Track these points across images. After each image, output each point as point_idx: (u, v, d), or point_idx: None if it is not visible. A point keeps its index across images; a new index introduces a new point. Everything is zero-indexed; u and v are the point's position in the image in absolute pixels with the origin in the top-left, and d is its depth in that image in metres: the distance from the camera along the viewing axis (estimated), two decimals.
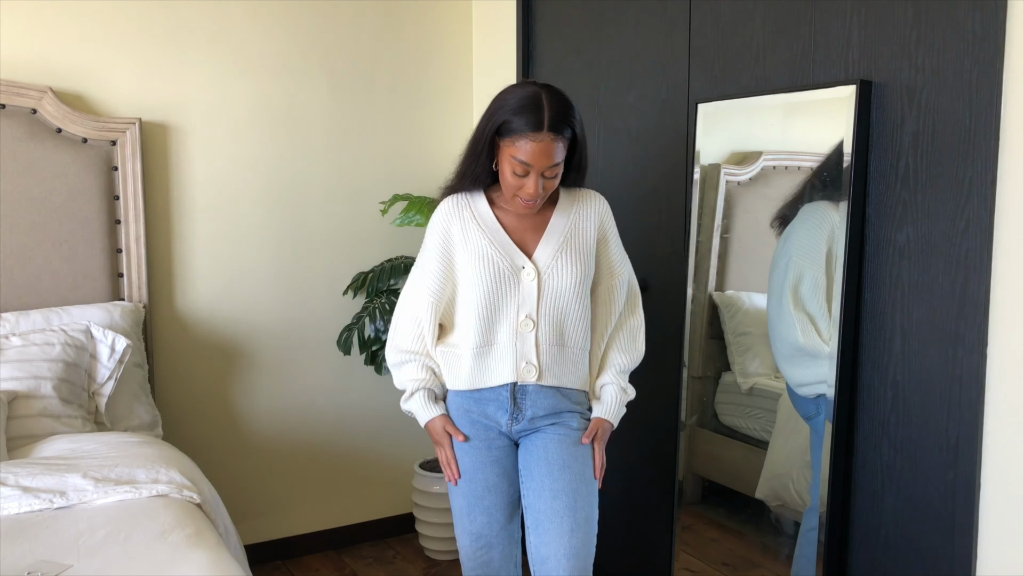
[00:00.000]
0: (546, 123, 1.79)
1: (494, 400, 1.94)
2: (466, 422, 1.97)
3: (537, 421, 1.94)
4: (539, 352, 1.91)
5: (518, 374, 1.92)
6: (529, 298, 1.91)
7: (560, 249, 1.93)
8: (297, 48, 3.05)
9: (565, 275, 1.92)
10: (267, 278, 3.07)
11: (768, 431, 2.16)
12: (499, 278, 1.90)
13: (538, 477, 1.92)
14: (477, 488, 1.96)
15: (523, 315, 1.91)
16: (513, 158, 1.83)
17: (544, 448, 1.94)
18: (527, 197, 1.86)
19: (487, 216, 1.95)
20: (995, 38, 1.65)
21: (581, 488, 1.91)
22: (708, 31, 2.30)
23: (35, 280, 2.62)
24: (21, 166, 2.59)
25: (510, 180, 1.86)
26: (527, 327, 1.91)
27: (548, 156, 1.81)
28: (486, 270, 1.90)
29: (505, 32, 3.14)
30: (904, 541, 1.88)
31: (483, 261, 1.91)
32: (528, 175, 1.83)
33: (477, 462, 1.96)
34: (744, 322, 2.23)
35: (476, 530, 1.97)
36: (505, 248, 1.92)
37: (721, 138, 2.25)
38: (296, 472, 3.17)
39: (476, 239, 1.93)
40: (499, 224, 1.95)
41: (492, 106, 1.88)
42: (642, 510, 2.62)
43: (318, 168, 3.12)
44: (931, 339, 1.80)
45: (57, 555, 1.66)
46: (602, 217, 2.00)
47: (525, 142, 1.80)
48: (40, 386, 2.34)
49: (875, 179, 1.90)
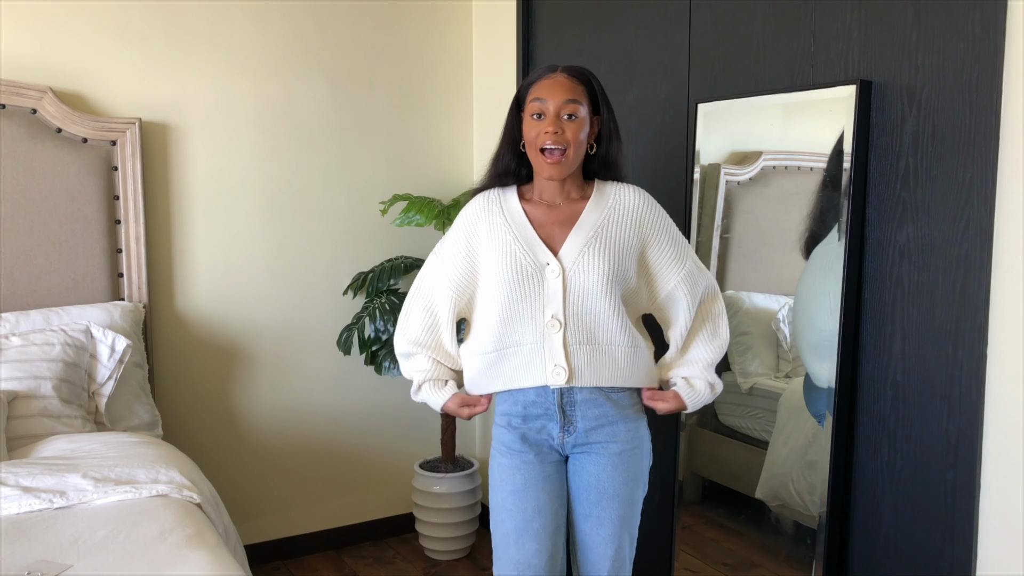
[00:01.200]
0: (560, 67, 1.82)
1: (543, 415, 1.83)
2: (518, 438, 1.85)
3: (591, 434, 1.84)
4: (568, 354, 1.79)
5: (547, 377, 1.80)
6: (555, 297, 1.80)
7: (588, 245, 1.80)
8: (297, 48, 3.05)
9: (592, 273, 1.79)
10: (267, 278, 3.07)
11: (768, 431, 2.16)
12: (522, 276, 1.80)
13: (587, 504, 1.87)
14: (528, 509, 1.82)
15: (549, 315, 1.80)
16: (531, 103, 1.80)
17: (597, 477, 1.86)
18: (546, 139, 1.76)
19: (515, 211, 1.86)
20: (995, 38, 1.65)
21: (627, 513, 1.89)
22: (708, 31, 2.30)
23: (35, 280, 2.62)
24: (21, 166, 2.59)
25: (531, 133, 1.79)
26: (553, 328, 1.79)
27: (563, 89, 1.78)
28: (509, 267, 1.81)
29: (505, 32, 3.14)
30: (904, 541, 1.88)
31: (506, 258, 1.81)
32: (544, 116, 1.78)
33: (529, 479, 1.83)
34: (744, 322, 2.23)
35: (524, 559, 1.82)
36: (530, 244, 1.82)
37: (721, 138, 2.25)
38: (296, 472, 3.17)
39: (501, 234, 1.84)
40: (526, 218, 1.84)
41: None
42: (642, 510, 2.62)
43: (318, 168, 3.12)
44: (931, 339, 1.80)
45: (57, 555, 1.65)
46: (642, 213, 1.86)
47: (538, 85, 1.80)
48: (40, 386, 2.34)
49: (875, 179, 1.90)
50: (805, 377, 2.06)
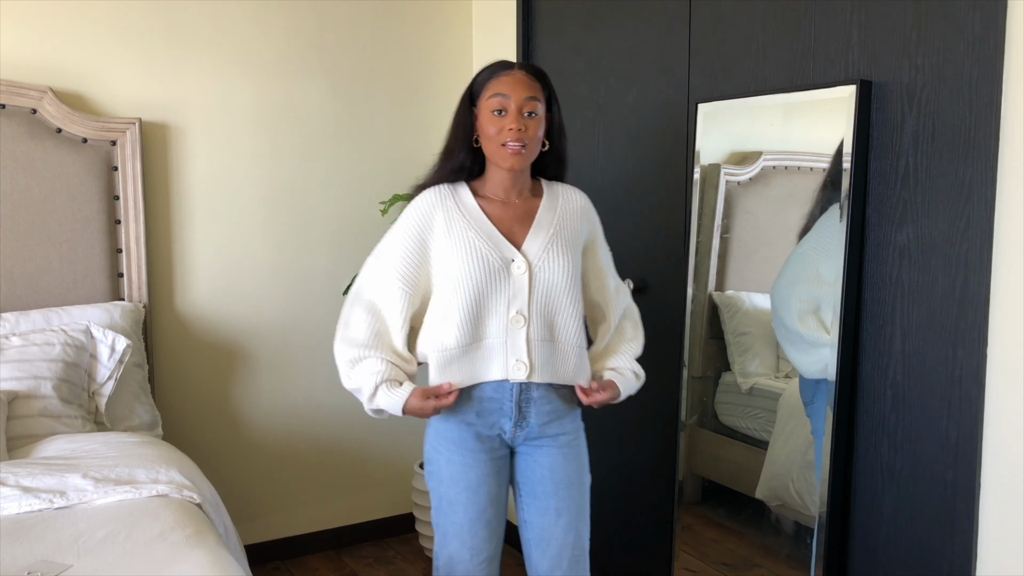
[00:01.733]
0: (516, 64, 1.86)
1: (496, 410, 1.87)
2: (470, 434, 1.87)
3: (542, 429, 1.89)
4: (530, 349, 1.83)
5: (508, 371, 1.84)
6: (520, 292, 1.83)
7: (551, 241, 1.86)
8: (297, 48, 3.05)
9: (557, 268, 1.85)
10: (267, 278, 3.06)
11: (768, 431, 2.16)
12: (488, 271, 1.81)
13: (543, 496, 1.91)
14: (481, 501, 1.88)
15: (514, 310, 1.83)
16: (490, 99, 1.82)
17: (550, 468, 1.90)
18: (510, 135, 1.79)
19: (472, 207, 1.87)
20: (995, 38, 1.65)
21: (581, 503, 1.94)
22: (708, 31, 2.30)
23: (35, 280, 2.62)
24: (21, 166, 2.59)
25: (491, 130, 1.81)
26: (518, 323, 1.83)
27: (524, 87, 1.81)
28: (475, 263, 1.81)
29: (505, 32, 3.14)
30: (904, 541, 1.88)
31: (471, 254, 1.82)
32: (506, 112, 1.80)
33: (481, 475, 1.88)
34: (744, 322, 2.23)
35: (478, 544, 1.89)
36: (493, 240, 1.84)
37: (721, 138, 2.25)
38: (296, 472, 3.17)
39: (462, 231, 1.84)
40: (485, 215, 1.86)
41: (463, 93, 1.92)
42: (642, 510, 2.62)
43: (318, 168, 3.12)
44: (931, 339, 1.80)
45: (57, 555, 1.65)
46: (589, 213, 1.97)
47: (497, 80, 1.83)
48: (40, 386, 2.34)
49: (875, 179, 1.90)
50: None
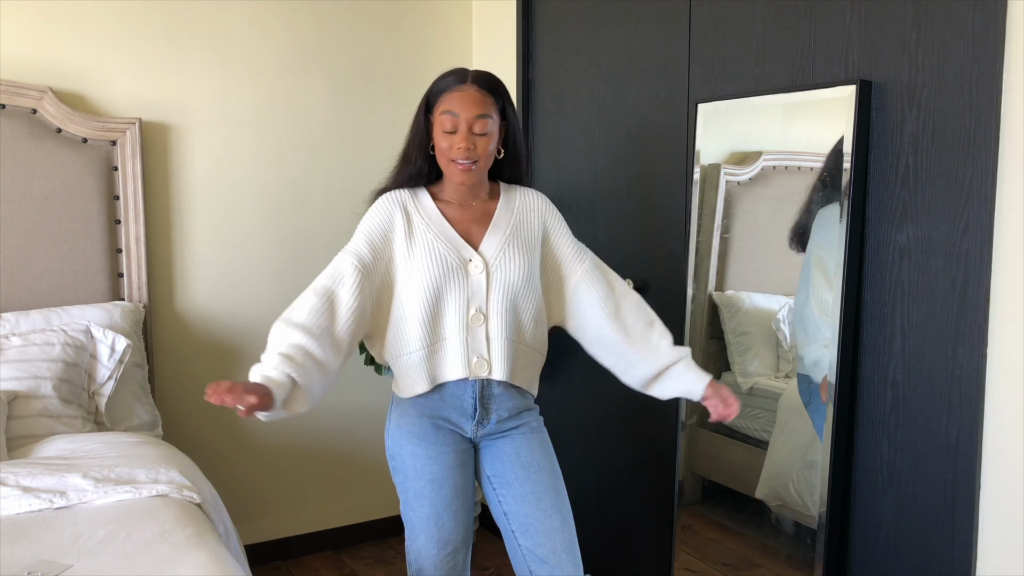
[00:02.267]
0: (470, 77, 1.86)
1: (457, 407, 1.89)
2: (430, 427, 1.90)
3: (503, 423, 1.92)
4: (490, 346, 1.86)
5: (470, 369, 1.86)
6: (479, 291, 1.86)
7: (507, 241, 1.90)
8: (297, 48, 3.05)
9: (513, 267, 1.88)
10: (267, 278, 3.06)
11: (768, 431, 2.16)
12: (447, 271, 1.84)
13: (516, 483, 1.92)
14: (447, 493, 1.90)
15: (473, 309, 1.86)
16: (441, 115, 1.84)
17: (516, 453, 1.93)
18: (459, 154, 1.82)
19: (431, 209, 1.91)
20: (995, 38, 1.65)
21: (558, 486, 1.95)
22: (708, 31, 2.30)
23: (35, 280, 2.62)
24: (21, 166, 2.59)
25: (443, 145, 1.85)
26: (477, 321, 1.85)
27: (475, 104, 1.83)
28: (433, 263, 1.84)
29: (505, 32, 3.14)
30: (904, 541, 1.88)
31: (430, 255, 1.85)
32: (457, 130, 1.83)
33: (445, 467, 1.90)
34: (744, 322, 2.23)
35: (445, 536, 1.91)
36: (451, 240, 1.87)
37: (721, 138, 2.25)
38: (296, 472, 3.17)
39: (421, 232, 1.88)
40: (443, 217, 1.90)
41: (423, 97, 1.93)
42: (642, 510, 2.62)
43: (318, 168, 3.12)
44: (931, 339, 1.80)
45: (57, 555, 1.65)
46: (544, 213, 1.98)
47: (450, 95, 1.85)
48: (40, 386, 2.34)
49: (875, 179, 1.90)
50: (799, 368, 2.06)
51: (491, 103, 1.86)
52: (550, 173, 2.98)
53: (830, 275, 1.95)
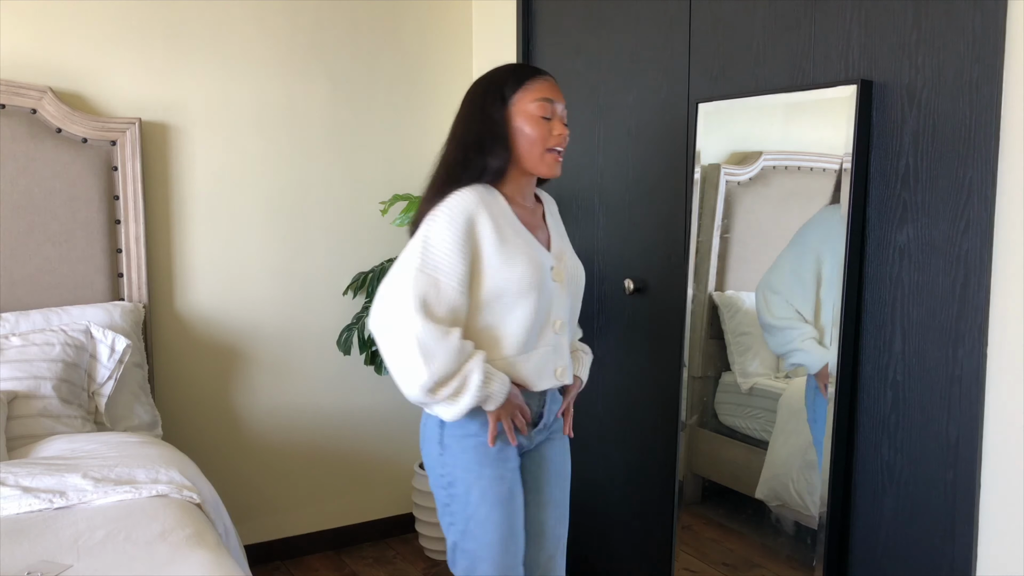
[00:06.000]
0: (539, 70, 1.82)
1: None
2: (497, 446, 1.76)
3: (550, 427, 1.91)
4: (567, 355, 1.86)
5: (556, 377, 1.82)
6: (559, 298, 1.80)
7: (566, 247, 1.89)
8: (297, 48, 3.05)
9: (579, 271, 1.90)
10: (267, 278, 3.07)
11: (768, 431, 2.16)
12: (543, 280, 1.74)
13: (546, 491, 1.91)
14: (513, 515, 1.77)
15: (555, 317, 1.80)
16: (535, 101, 1.74)
17: (552, 460, 1.92)
18: (558, 141, 1.75)
19: (510, 212, 1.75)
20: (995, 38, 1.65)
21: (568, 494, 1.98)
22: (708, 31, 2.30)
23: (35, 280, 2.62)
24: (21, 166, 2.59)
25: (535, 133, 1.73)
26: (561, 331, 1.82)
27: (560, 93, 1.81)
28: (532, 273, 1.71)
29: (505, 32, 3.14)
30: (904, 541, 1.88)
31: (529, 264, 1.71)
32: (553, 116, 1.76)
33: (512, 486, 1.78)
34: (744, 322, 2.23)
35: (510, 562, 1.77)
36: (536, 247, 1.77)
37: (721, 138, 2.25)
38: (296, 472, 3.17)
39: (513, 236, 1.72)
40: (520, 222, 1.77)
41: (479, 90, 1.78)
42: (642, 510, 2.62)
43: (318, 168, 3.12)
44: (931, 339, 1.80)
45: (57, 555, 1.65)
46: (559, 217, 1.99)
47: (539, 83, 1.77)
48: (40, 386, 2.34)
49: (875, 179, 1.90)
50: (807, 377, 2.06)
51: None
52: None
53: (823, 268, 1.95)
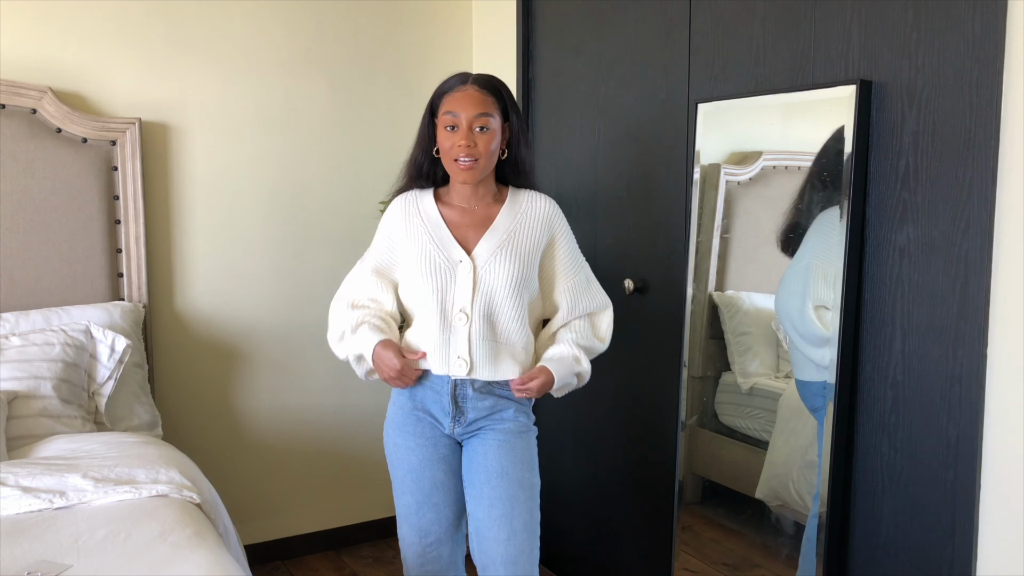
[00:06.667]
0: (471, 78, 1.94)
1: (437, 403, 1.98)
2: (413, 419, 2.00)
3: (478, 422, 1.98)
4: (471, 347, 1.94)
5: (449, 367, 1.94)
6: (464, 292, 1.94)
7: (500, 247, 1.96)
8: (297, 48, 3.05)
9: (501, 272, 1.94)
10: (267, 278, 3.07)
11: (768, 431, 2.16)
12: (435, 271, 1.95)
13: (478, 485, 1.97)
14: (425, 485, 1.99)
15: (457, 309, 1.94)
16: (443, 115, 1.92)
17: (484, 455, 1.97)
18: (460, 152, 1.90)
19: (431, 212, 2.01)
20: (995, 38, 1.65)
21: (518, 494, 1.95)
22: (708, 31, 2.30)
23: (35, 280, 2.62)
24: (21, 166, 2.59)
25: (445, 144, 1.92)
26: (460, 321, 1.94)
27: (474, 103, 1.89)
28: (425, 263, 1.95)
29: (505, 32, 3.14)
30: (904, 541, 1.88)
31: (422, 255, 1.96)
32: (457, 129, 1.90)
33: (424, 459, 1.99)
34: (744, 322, 2.23)
35: (425, 526, 1.99)
36: (444, 243, 1.97)
37: (721, 138, 2.25)
38: (296, 472, 3.17)
39: (418, 234, 1.99)
40: (442, 220, 1.99)
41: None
42: (642, 510, 2.62)
43: (318, 168, 3.12)
44: (931, 339, 1.80)
45: (57, 555, 1.66)
46: (551, 219, 2.03)
47: (451, 96, 1.92)
48: (40, 386, 2.34)
49: (875, 179, 1.90)
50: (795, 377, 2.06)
51: (492, 103, 1.93)
52: (550, 173, 2.98)
53: (829, 281, 1.95)
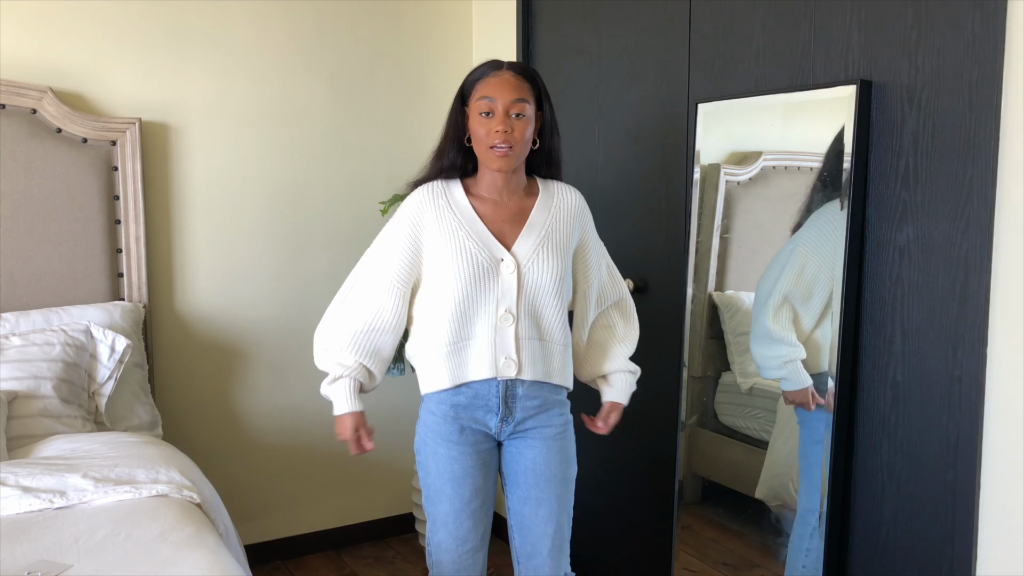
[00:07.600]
0: (505, 65, 1.88)
1: (483, 405, 1.90)
2: (455, 428, 1.91)
3: (526, 422, 1.93)
4: (519, 347, 1.87)
5: (497, 369, 1.87)
6: (509, 292, 1.87)
7: (541, 243, 1.90)
8: (297, 48, 3.05)
9: (546, 269, 1.88)
10: (267, 278, 3.06)
11: (768, 431, 2.16)
12: (478, 271, 1.85)
13: (524, 487, 1.95)
14: (466, 493, 1.92)
15: (502, 309, 1.86)
16: (478, 101, 1.85)
17: (533, 460, 1.94)
18: (496, 138, 1.82)
19: (464, 205, 1.90)
20: (995, 38, 1.65)
21: (564, 493, 1.98)
22: (708, 31, 2.30)
23: (35, 280, 2.62)
24: (21, 166, 2.59)
25: (480, 131, 1.85)
26: (507, 321, 1.87)
27: (511, 89, 1.84)
28: (465, 262, 1.85)
29: (505, 32, 3.14)
30: (904, 541, 1.88)
31: (461, 253, 1.85)
32: (493, 114, 1.83)
33: (466, 467, 1.92)
34: (744, 322, 2.23)
35: (463, 534, 1.93)
36: (483, 239, 1.87)
37: (721, 138, 2.25)
38: (296, 472, 3.17)
39: (453, 229, 1.87)
40: (476, 214, 1.90)
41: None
42: (642, 510, 2.62)
43: (318, 168, 3.12)
44: (931, 339, 1.80)
45: (57, 555, 1.66)
46: (582, 213, 1.99)
47: (486, 81, 1.86)
48: (40, 386, 2.34)
49: (875, 179, 1.90)
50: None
51: (527, 89, 1.87)
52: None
53: (808, 274, 1.96)
